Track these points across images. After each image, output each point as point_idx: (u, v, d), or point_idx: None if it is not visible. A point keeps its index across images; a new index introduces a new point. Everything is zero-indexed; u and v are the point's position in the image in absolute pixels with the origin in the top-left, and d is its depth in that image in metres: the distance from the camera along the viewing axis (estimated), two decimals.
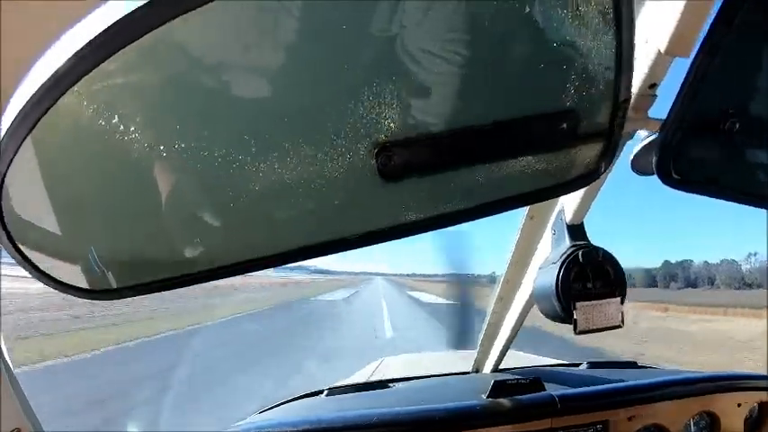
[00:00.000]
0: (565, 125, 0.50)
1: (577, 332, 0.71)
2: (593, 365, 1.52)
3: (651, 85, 0.54)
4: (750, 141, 0.60)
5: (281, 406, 1.37)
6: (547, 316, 0.79)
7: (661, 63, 0.51)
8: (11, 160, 0.38)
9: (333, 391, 1.36)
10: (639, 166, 0.65)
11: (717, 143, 0.56)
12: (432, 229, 0.53)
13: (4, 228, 0.41)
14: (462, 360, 2.59)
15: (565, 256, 0.74)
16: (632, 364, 1.53)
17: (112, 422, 5.01)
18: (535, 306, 1.07)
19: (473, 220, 0.52)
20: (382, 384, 1.43)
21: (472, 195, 0.53)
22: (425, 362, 2.78)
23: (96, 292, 0.48)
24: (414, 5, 0.41)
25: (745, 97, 0.58)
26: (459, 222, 0.52)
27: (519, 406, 1.04)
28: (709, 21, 0.50)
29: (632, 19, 0.44)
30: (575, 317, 0.71)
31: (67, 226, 0.45)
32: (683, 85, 0.52)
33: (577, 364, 1.56)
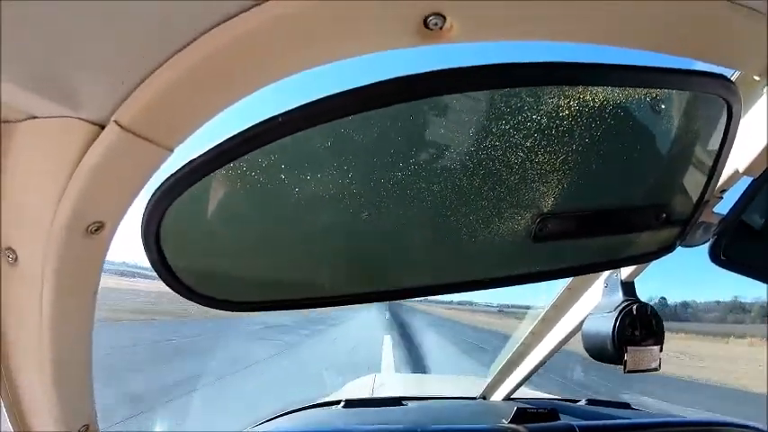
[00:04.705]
0: (663, 215, 0.66)
1: (626, 371, 0.86)
2: (591, 403, 1.66)
3: (722, 191, 0.70)
4: None
5: (299, 412, 1.42)
6: (594, 355, 0.94)
7: (735, 176, 0.68)
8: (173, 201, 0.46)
9: (350, 404, 1.40)
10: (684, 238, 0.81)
11: (762, 240, 0.74)
12: (551, 279, 0.67)
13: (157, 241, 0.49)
14: (455, 384, 2.71)
15: (621, 307, 0.90)
16: (626, 405, 1.69)
17: None
18: None
19: (581, 275, 0.66)
20: (396, 401, 1.48)
21: (585, 257, 0.68)
22: (420, 382, 2.88)
23: (219, 302, 0.56)
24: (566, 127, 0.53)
25: None
26: (573, 275, 0.67)
27: None
28: None
29: (733, 143, 0.60)
30: (625, 358, 0.87)
31: (207, 251, 0.55)
32: (745, 194, 0.69)
33: (576, 401, 1.70)
